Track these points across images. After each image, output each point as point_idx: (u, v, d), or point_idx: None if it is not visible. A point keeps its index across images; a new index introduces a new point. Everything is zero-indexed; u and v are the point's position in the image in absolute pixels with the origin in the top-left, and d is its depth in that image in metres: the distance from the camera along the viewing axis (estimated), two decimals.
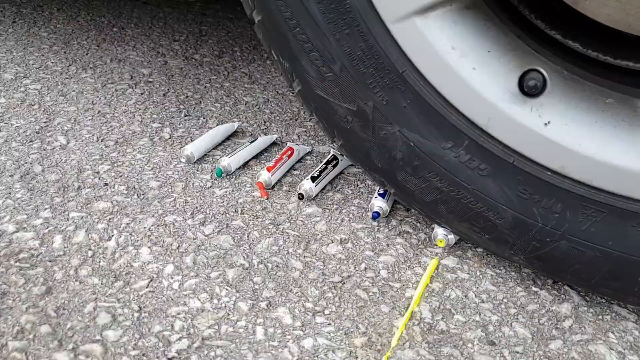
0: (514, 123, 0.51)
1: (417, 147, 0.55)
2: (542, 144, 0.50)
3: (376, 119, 0.55)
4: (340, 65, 0.54)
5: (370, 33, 0.52)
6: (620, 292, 0.53)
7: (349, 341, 0.53)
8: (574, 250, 0.53)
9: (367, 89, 0.55)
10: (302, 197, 0.73)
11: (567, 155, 0.49)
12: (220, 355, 0.51)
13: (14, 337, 0.51)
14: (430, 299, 0.59)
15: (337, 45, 0.54)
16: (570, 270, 0.54)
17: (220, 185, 0.76)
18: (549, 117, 0.50)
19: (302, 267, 0.62)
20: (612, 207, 0.50)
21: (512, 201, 0.54)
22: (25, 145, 0.82)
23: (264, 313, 0.56)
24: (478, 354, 0.53)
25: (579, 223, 0.51)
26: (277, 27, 0.57)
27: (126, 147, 0.83)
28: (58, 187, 0.73)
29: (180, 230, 0.66)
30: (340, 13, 0.52)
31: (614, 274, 0.52)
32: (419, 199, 0.60)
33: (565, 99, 0.50)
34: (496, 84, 0.51)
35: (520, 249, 0.56)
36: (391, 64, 0.52)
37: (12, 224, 0.65)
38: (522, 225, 0.54)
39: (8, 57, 1.11)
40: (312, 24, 0.54)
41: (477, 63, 0.51)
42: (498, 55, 0.51)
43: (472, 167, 0.54)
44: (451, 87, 0.52)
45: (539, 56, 0.50)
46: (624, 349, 0.55)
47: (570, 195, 0.51)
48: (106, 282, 0.58)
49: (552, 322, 0.57)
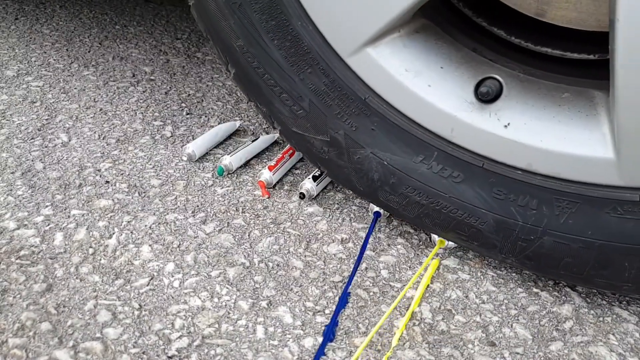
0: (476, 130, 0.53)
1: (390, 165, 0.58)
2: (505, 145, 0.52)
3: (349, 145, 0.59)
4: (309, 101, 0.59)
5: (330, 69, 0.57)
6: (614, 280, 0.53)
7: (349, 341, 0.53)
8: (558, 244, 0.53)
9: (336, 119, 0.59)
10: (303, 197, 0.73)
11: (531, 152, 0.51)
12: (220, 354, 0.51)
13: (14, 334, 0.51)
14: (431, 299, 0.59)
15: (302, 84, 0.59)
16: (561, 265, 0.54)
17: (222, 184, 0.76)
18: (507, 119, 0.52)
19: (303, 267, 0.62)
20: (584, 196, 0.51)
21: (490, 203, 0.55)
22: (27, 142, 0.82)
23: (264, 312, 0.56)
24: (478, 355, 0.53)
25: (556, 217, 0.53)
26: (249, 77, 0.63)
27: (128, 145, 0.83)
28: (59, 185, 0.73)
29: (181, 229, 0.66)
30: (300, 55, 0.58)
31: (602, 262, 0.52)
32: (405, 215, 0.62)
33: (522, 100, 0.52)
34: (453, 97, 0.54)
35: (509, 251, 0.57)
36: (354, 93, 0.57)
37: (13, 221, 0.65)
38: (505, 227, 0.55)
39: (10, 54, 1.11)
40: (277, 68, 0.60)
41: (432, 80, 0.54)
42: (451, 69, 0.55)
43: (446, 176, 0.56)
44: (411, 106, 0.55)
45: (494, 64, 0.54)
46: (624, 351, 0.54)
47: (542, 190, 0.53)
48: (107, 280, 0.58)
49: (553, 324, 0.57)
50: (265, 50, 0.59)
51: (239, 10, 0.58)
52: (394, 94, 0.56)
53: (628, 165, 0.48)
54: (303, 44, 0.57)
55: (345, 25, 0.54)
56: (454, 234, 0.59)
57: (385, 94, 0.56)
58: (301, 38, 0.57)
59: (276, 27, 0.57)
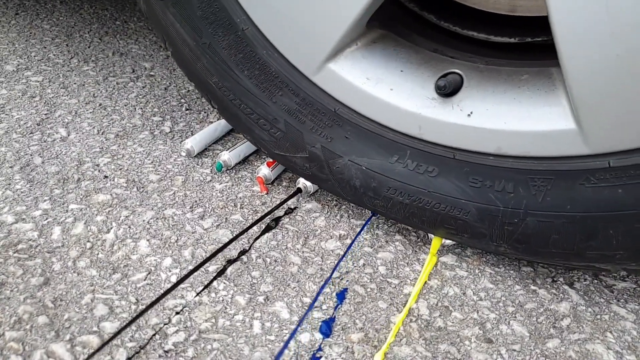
0: (442, 123, 0.55)
1: (369, 169, 0.60)
2: (472, 133, 0.54)
3: (327, 156, 0.62)
4: (284, 121, 0.63)
5: (300, 88, 0.61)
6: (605, 250, 0.53)
7: (346, 336, 0.53)
8: (542, 223, 0.54)
9: (312, 133, 0.62)
10: (300, 191, 0.73)
11: (498, 136, 0.53)
12: (216, 349, 0.51)
13: (11, 327, 0.51)
14: (428, 295, 0.59)
15: (276, 106, 0.63)
16: (551, 243, 0.54)
17: (220, 180, 0.76)
18: (470, 108, 0.54)
19: (301, 262, 0.62)
20: (556, 171, 0.52)
21: (468, 193, 0.56)
22: (26, 136, 0.82)
23: (261, 307, 0.56)
24: (475, 352, 0.53)
25: (534, 197, 0.53)
26: (229, 109, 0.67)
27: (127, 140, 0.83)
28: (58, 179, 0.73)
29: (179, 224, 0.66)
30: (270, 80, 0.62)
31: (587, 234, 0.52)
32: (394, 217, 0.63)
33: (482, 89, 0.54)
34: (415, 96, 0.56)
35: (498, 237, 0.57)
36: (324, 106, 0.60)
37: (11, 215, 0.65)
38: (487, 214, 0.56)
39: (10, 48, 1.11)
40: (251, 97, 0.64)
41: (394, 84, 0.57)
42: (411, 71, 0.57)
43: (422, 172, 0.58)
44: (377, 111, 0.58)
45: (454, 60, 0.57)
46: (621, 348, 0.54)
47: (516, 172, 0.53)
48: (104, 274, 0.58)
49: (550, 321, 0.57)
50: (238, 82, 0.64)
51: (209, 50, 0.63)
52: (360, 102, 0.59)
53: (591, 133, 0.48)
54: (271, 70, 0.61)
55: (304, 47, 0.58)
56: (443, 229, 0.60)
57: (352, 104, 0.59)
58: (268, 65, 0.61)
59: (244, 59, 0.62)
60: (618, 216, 0.49)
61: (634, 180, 0.48)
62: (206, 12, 0.62)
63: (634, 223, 0.49)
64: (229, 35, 0.61)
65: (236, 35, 0.61)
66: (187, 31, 0.64)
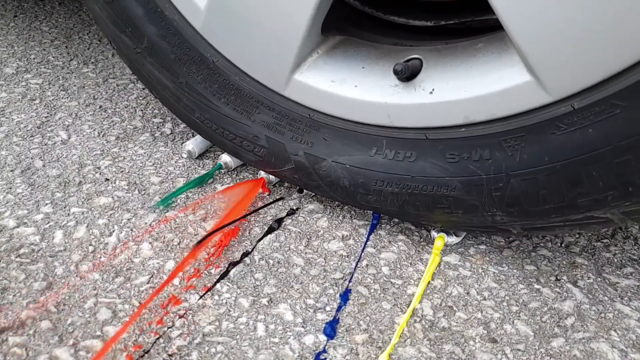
0: (408, 106, 0.57)
1: (353, 166, 0.62)
2: (438, 109, 0.56)
3: (312, 162, 0.64)
4: (265, 137, 0.66)
5: (274, 103, 0.64)
6: (596, 194, 0.52)
7: (350, 338, 0.53)
8: (526, 181, 0.54)
9: (293, 142, 0.65)
10: (301, 191, 0.73)
11: (462, 105, 0.54)
12: (221, 352, 0.51)
13: (14, 333, 0.51)
14: (432, 296, 0.59)
15: (255, 124, 0.66)
16: (541, 199, 0.54)
17: (222, 181, 0.76)
18: (431, 86, 0.56)
19: (304, 264, 0.62)
20: (525, 127, 0.52)
21: (449, 169, 0.57)
22: (26, 140, 0.81)
23: (265, 309, 0.56)
24: (480, 352, 0.53)
25: (511, 157, 0.53)
26: (215, 139, 0.71)
27: (127, 143, 0.82)
28: (59, 182, 0.72)
29: (182, 226, 0.66)
30: (245, 102, 0.66)
31: (573, 181, 0.52)
32: (390, 210, 0.63)
33: (440, 65, 0.57)
34: (379, 87, 0.58)
35: (490, 206, 0.57)
36: (299, 115, 0.64)
37: (12, 219, 0.65)
38: (473, 185, 0.56)
39: (9, 51, 1.11)
40: (231, 122, 0.68)
41: (357, 81, 0.60)
42: (372, 65, 0.60)
43: (402, 159, 0.59)
44: (347, 109, 0.61)
45: (413, 48, 0.60)
46: (626, 347, 0.54)
47: (488, 137, 0.54)
48: (107, 278, 0.58)
49: (555, 320, 0.57)
50: (217, 111, 0.68)
51: (187, 88, 0.69)
52: (330, 104, 0.62)
53: (547, 79, 0.49)
54: (245, 92, 0.66)
55: (270, 67, 0.63)
56: (439, 211, 0.60)
57: (323, 108, 0.62)
58: (242, 88, 0.66)
59: (220, 88, 0.67)
60: (595, 156, 0.49)
61: (601, 117, 0.48)
62: (178, 54, 0.67)
63: (612, 159, 0.49)
64: (202, 70, 0.67)
65: (209, 69, 0.66)
66: (165, 75, 0.70)
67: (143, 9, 0.67)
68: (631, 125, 0.47)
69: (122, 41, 0.71)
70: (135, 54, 0.70)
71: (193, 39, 0.66)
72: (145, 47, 0.69)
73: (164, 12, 0.66)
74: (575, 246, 0.68)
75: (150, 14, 0.67)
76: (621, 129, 0.47)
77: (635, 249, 0.68)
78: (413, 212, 0.62)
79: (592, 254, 0.67)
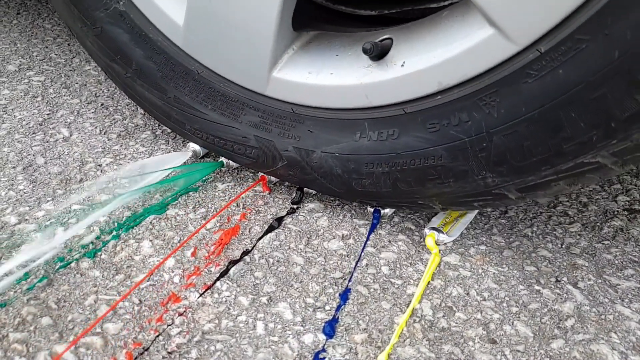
0: (384, 83, 0.58)
1: (341, 154, 0.63)
2: (411, 80, 0.57)
3: (302, 155, 0.65)
4: (254, 137, 0.68)
5: (259, 103, 0.67)
6: (580, 137, 0.52)
7: (350, 337, 0.53)
8: (508, 136, 0.54)
9: (281, 139, 0.66)
10: (302, 191, 0.73)
11: (433, 72, 0.55)
12: (220, 350, 0.51)
13: (15, 329, 0.51)
14: (431, 296, 0.59)
15: (243, 126, 0.68)
16: (526, 151, 0.54)
17: (223, 180, 0.76)
18: (402, 59, 0.57)
19: (304, 263, 0.62)
20: (497, 81, 0.52)
21: (432, 140, 0.57)
22: (28, 137, 0.82)
23: (264, 308, 0.56)
24: (479, 352, 0.53)
25: (488, 115, 0.54)
26: (209, 148, 0.74)
27: (129, 140, 0.83)
28: (60, 180, 0.73)
29: (182, 224, 0.66)
30: (232, 106, 0.69)
31: (555, 127, 0.52)
32: (386, 193, 0.63)
33: (409, 39, 0.58)
34: (353, 70, 0.60)
35: (479, 168, 0.57)
36: (283, 111, 0.65)
37: (14, 216, 0.65)
38: (458, 150, 0.57)
39: (12, 48, 1.11)
40: (220, 127, 0.70)
41: (332, 69, 0.62)
42: (344, 51, 0.62)
43: (385, 138, 0.60)
44: (327, 97, 0.62)
45: (383, 31, 0.61)
46: (626, 349, 0.54)
47: (461, 100, 0.55)
48: (107, 275, 0.58)
49: (554, 321, 0.57)
50: (205, 119, 0.70)
51: (175, 102, 0.71)
52: (309, 95, 0.63)
53: (507, 29, 0.50)
54: (230, 97, 0.68)
55: (247, 69, 0.65)
56: (430, 183, 0.60)
57: (303, 100, 0.64)
58: (227, 94, 0.68)
59: (206, 97, 0.69)
60: (570, 97, 0.49)
61: (568, 55, 0.48)
62: (165, 71, 0.71)
63: (588, 96, 0.48)
64: (189, 82, 0.70)
65: (194, 80, 0.69)
66: (154, 94, 0.73)
67: (129, 34, 0.71)
68: (599, 58, 0.46)
69: (114, 69, 0.75)
70: (126, 79, 0.74)
71: (177, 55, 0.70)
72: (134, 70, 0.73)
73: (148, 34, 0.70)
74: (575, 247, 0.68)
75: (135, 39, 0.71)
76: (590, 64, 0.47)
77: (636, 250, 0.68)
78: (406, 189, 0.62)
79: (592, 255, 0.67)
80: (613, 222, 0.72)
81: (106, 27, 0.72)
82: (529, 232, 0.70)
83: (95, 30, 0.73)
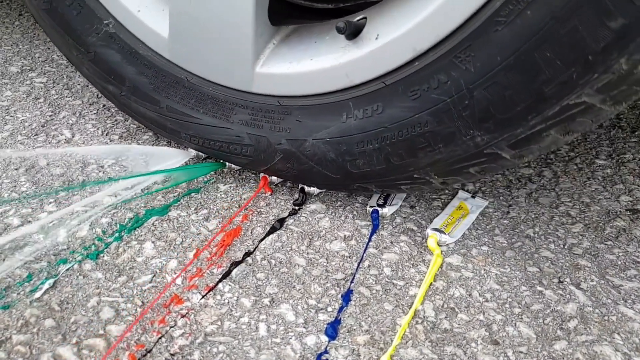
0: (361, 59, 0.59)
1: (332, 138, 0.64)
2: (387, 50, 0.57)
3: (295, 145, 0.66)
4: (247, 135, 0.69)
5: (247, 101, 0.68)
6: (558, 78, 0.51)
7: (352, 339, 0.53)
8: (489, 89, 0.54)
9: (273, 132, 0.67)
10: (303, 191, 0.73)
11: (407, 38, 0.56)
12: (222, 352, 0.51)
13: (18, 331, 0.51)
14: (434, 297, 0.59)
15: (235, 125, 0.69)
16: (509, 102, 0.53)
17: (224, 181, 0.76)
18: (375, 33, 0.58)
19: (306, 264, 0.62)
20: (469, 35, 0.52)
21: (415, 107, 0.58)
22: (31, 138, 0.82)
23: (266, 309, 0.56)
24: (481, 354, 0.52)
25: (465, 71, 0.54)
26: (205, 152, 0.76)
27: (130, 142, 0.83)
28: (63, 181, 0.73)
29: (184, 226, 0.66)
30: (223, 107, 0.70)
31: (532, 72, 0.51)
32: (382, 170, 0.63)
33: (380, 14, 0.59)
34: (331, 52, 0.62)
35: (466, 127, 0.56)
36: (272, 105, 0.67)
37: (17, 218, 0.65)
38: (441, 113, 0.57)
39: (14, 50, 1.11)
40: (213, 129, 0.71)
41: (312, 54, 0.63)
42: (323, 38, 0.64)
43: (371, 114, 0.61)
44: (309, 83, 0.63)
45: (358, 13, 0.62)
46: (629, 350, 0.54)
47: (438, 61, 0.55)
48: (110, 277, 0.58)
49: (557, 323, 0.57)
50: (199, 123, 0.72)
51: (168, 111, 0.73)
52: (293, 84, 0.64)
53: None
54: (220, 99, 0.70)
55: (232, 70, 0.67)
56: (421, 152, 0.60)
57: (288, 90, 0.65)
58: (217, 96, 0.70)
59: (197, 102, 0.71)
60: (542, 36, 0.49)
61: None
62: (156, 83, 0.73)
63: (558, 32, 0.48)
64: (179, 90, 0.72)
65: (184, 87, 0.71)
66: (149, 107, 0.74)
67: (120, 54, 0.73)
68: None
69: (110, 91, 0.77)
70: (121, 97, 0.76)
71: (166, 67, 0.71)
72: (127, 87, 0.75)
73: (137, 51, 0.72)
74: (578, 248, 0.68)
75: (127, 57, 0.73)
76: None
77: (639, 251, 0.67)
78: (399, 162, 0.62)
79: (595, 256, 0.66)
80: (616, 223, 0.72)
81: (99, 51, 0.74)
82: (531, 233, 0.70)
83: (89, 55, 0.75)
